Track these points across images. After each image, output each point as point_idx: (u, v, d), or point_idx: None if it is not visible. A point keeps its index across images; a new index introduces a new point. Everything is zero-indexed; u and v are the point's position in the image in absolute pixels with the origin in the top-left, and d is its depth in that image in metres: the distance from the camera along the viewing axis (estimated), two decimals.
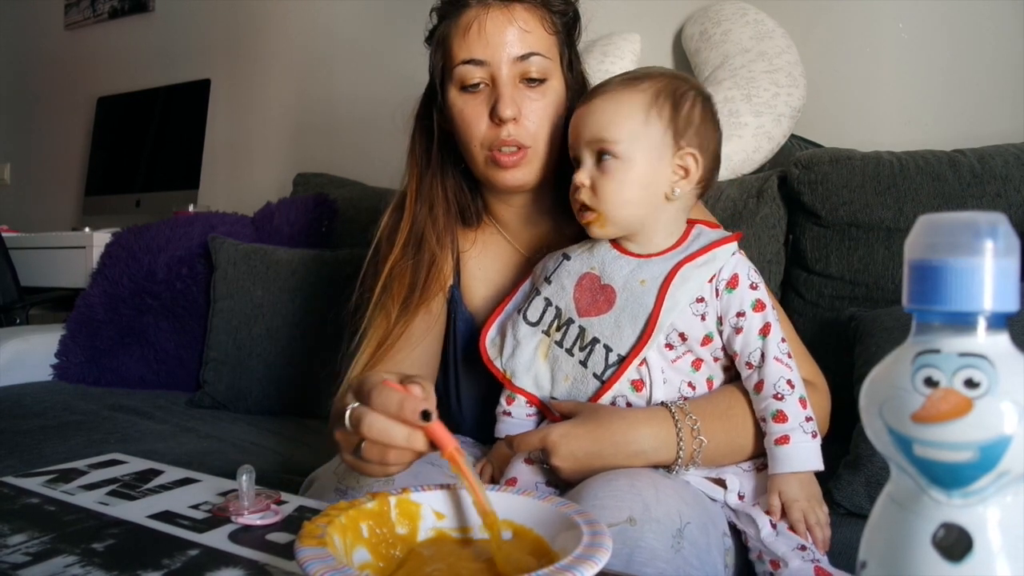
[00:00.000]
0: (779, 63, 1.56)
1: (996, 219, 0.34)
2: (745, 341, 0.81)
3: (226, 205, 2.26)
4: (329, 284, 1.66)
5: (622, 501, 0.70)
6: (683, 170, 0.83)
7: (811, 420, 0.79)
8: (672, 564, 0.68)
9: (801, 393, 0.80)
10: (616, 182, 0.81)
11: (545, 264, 0.92)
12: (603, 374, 0.82)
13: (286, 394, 1.65)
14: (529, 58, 0.91)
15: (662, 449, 0.79)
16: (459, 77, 0.92)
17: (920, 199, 1.28)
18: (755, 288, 0.82)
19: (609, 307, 0.83)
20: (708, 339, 0.82)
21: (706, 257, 0.82)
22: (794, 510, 0.76)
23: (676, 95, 0.82)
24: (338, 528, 0.53)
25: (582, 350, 0.84)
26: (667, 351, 0.82)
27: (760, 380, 0.81)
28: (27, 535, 0.64)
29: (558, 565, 0.47)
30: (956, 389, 0.33)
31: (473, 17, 0.91)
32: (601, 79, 1.82)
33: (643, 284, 0.82)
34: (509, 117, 0.90)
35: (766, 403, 0.80)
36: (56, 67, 3.18)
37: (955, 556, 0.33)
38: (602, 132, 0.81)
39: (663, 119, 0.81)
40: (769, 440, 0.80)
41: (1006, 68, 1.50)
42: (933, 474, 0.34)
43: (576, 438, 0.78)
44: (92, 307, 1.86)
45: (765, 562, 0.77)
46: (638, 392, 0.82)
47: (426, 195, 1.00)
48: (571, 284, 0.86)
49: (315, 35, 2.49)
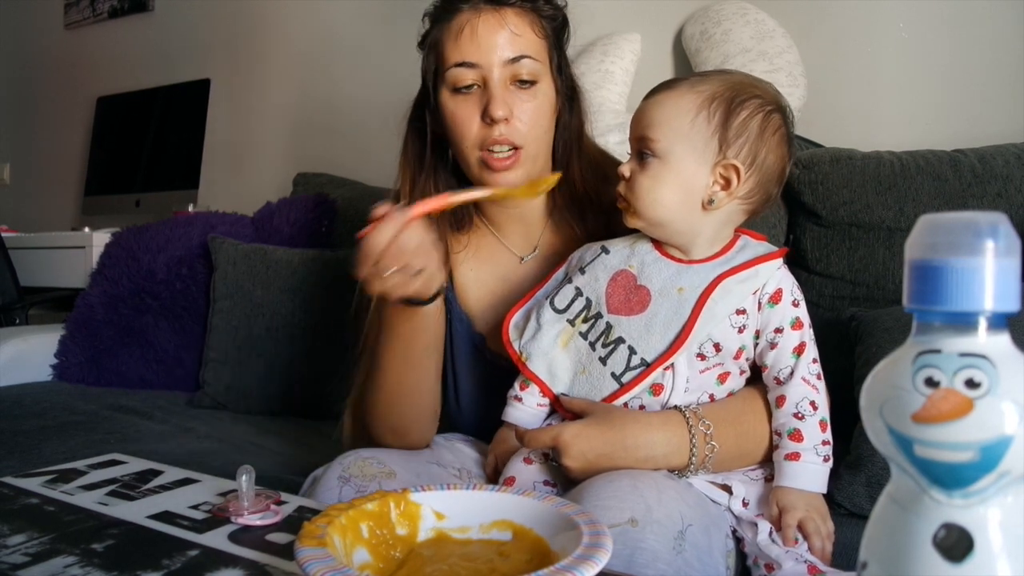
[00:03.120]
0: (779, 63, 1.56)
1: (997, 219, 0.34)
2: (777, 357, 0.81)
3: (226, 205, 2.25)
4: (329, 284, 1.66)
5: (624, 502, 0.70)
6: (723, 180, 0.80)
7: (827, 444, 0.79)
8: (673, 566, 0.68)
9: (823, 416, 0.80)
10: (650, 180, 0.80)
11: (582, 254, 0.90)
12: (622, 376, 0.81)
13: (286, 394, 1.65)
14: (520, 60, 0.92)
15: (674, 454, 0.79)
16: (451, 80, 0.93)
17: (921, 199, 1.27)
18: (797, 306, 0.81)
19: (642, 309, 0.82)
20: (741, 352, 0.81)
21: (749, 272, 0.80)
22: (788, 517, 0.76)
23: (734, 101, 0.79)
24: (338, 528, 0.53)
25: (605, 347, 0.83)
26: (698, 361, 0.81)
27: (783, 396, 0.80)
28: (27, 535, 0.64)
29: (558, 566, 0.47)
30: (957, 389, 0.33)
31: (465, 21, 0.92)
32: (601, 79, 1.82)
33: (681, 292, 0.80)
34: (501, 117, 0.90)
35: (785, 420, 0.80)
36: (56, 67, 3.18)
37: (956, 556, 0.33)
38: (646, 130, 0.81)
39: (712, 124, 0.78)
40: (779, 454, 0.79)
41: (1006, 68, 1.50)
42: (934, 474, 0.34)
43: (588, 439, 0.78)
44: (92, 307, 1.86)
45: (760, 566, 0.77)
46: (655, 396, 0.81)
47: (419, 198, 1.00)
48: (605, 278, 0.85)
49: (315, 35, 2.49)
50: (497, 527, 0.59)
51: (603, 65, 1.76)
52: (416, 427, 0.96)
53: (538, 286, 0.93)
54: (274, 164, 2.55)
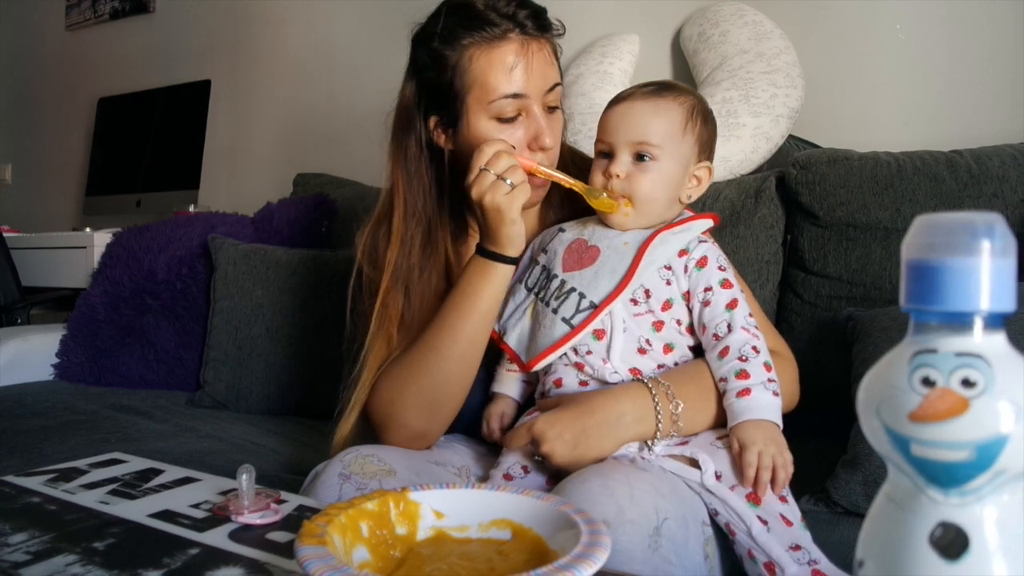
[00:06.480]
0: (777, 64, 1.57)
1: (993, 219, 0.34)
2: (712, 313, 0.87)
3: (226, 205, 2.26)
4: (329, 284, 1.66)
5: (594, 505, 0.70)
6: (696, 180, 0.92)
7: (773, 382, 0.83)
8: (649, 564, 0.68)
9: (766, 359, 0.84)
10: (650, 181, 0.88)
11: (543, 238, 0.99)
12: (572, 318, 0.88)
13: (286, 394, 1.65)
14: (555, 88, 0.95)
15: (644, 419, 0.82)
16: (497, 109, 0.92)
17: (917, 199, 1.28)
18: (723, 270, 0.89)
19: (591, 262, 0.90)
20: (668, 304, 0.88)
21: (683, 227, 0.90)
22: (749, 452, 0.77)
23: (704, 114, 0.92)
24: (338, 527, 0.54)
25: (557, 299, 0.90)
26: (632, 305, 0.88)
27: (726, 346, 0.85)
28: (28, 534, 0.64)
29: (557, 564, 0.47)
30: (953, 389, 0.33)
31: (515, 51, 0.91)
32: (600, 79, 1.82)
33: (626, 245, 0.90)
34: (551, 146, 0.94)
35: (730, 364, 0.84)
36: (57, 68, 3.18)
37: (952, 555, 0.33)
38: (647, 135, 0.88)
39: (694, 133, 0.90)
40: (730, 396, 0.82)
41: (1003, 69, 1.50)
42: (930, 473, 0.34)
43: (560, 420, 0.82)
44: (93, 307, 1.86)
45: (758, 563, 0.76)
46: (599, 340, 0.87)
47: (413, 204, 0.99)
48: (562, 249, 0.94)
49: (315, 36, 2.49)
50: (496, 526, 0.59)
51: (601, 66, 1.76)
52: (456, 401, 0.94)
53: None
54: (274, 164, 2.55)
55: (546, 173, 0.93)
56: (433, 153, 0.99)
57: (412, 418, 0.93)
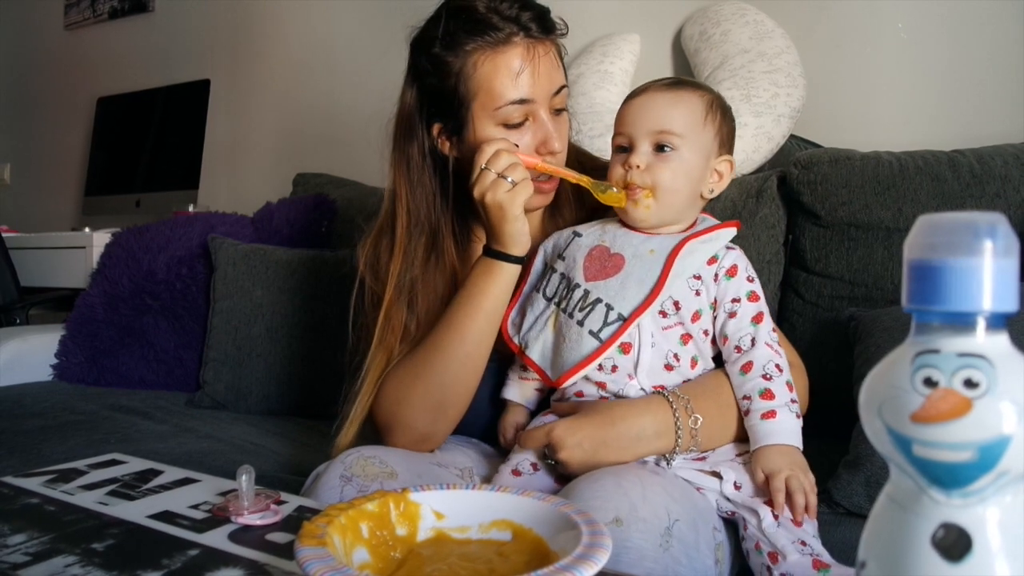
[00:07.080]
0: (778, 63, 1.56)
1: (995, 219, 0.34)
2: (737, 326, 0.85)
3: (226, 205, 2.25)
4: (329, 284, 1.66)
5: (608, 501, 0.70)
6: (718, 175, 0.90)
7: (795, 403, 0.83)
8: (660, 563, 0.68)
9: (788, 378, 0.83)
10: (671, 171, 0.86)
11: (556, 242, 0.95)
12: (600, 332, 0.85)
13: (286, 394, 1.65)
14: (561, 91, 0.94)
15: (663, 433, 0.81)
16: (504, 115, 0.91)
17: (919, 199, 1.28)
18: (751, 281, 0.87)
19: (616, 271, 0.87)
20: (698, 315, 0.86)
21: (710, 236, 0.87)
22: (776, 479, 0.77)
23: (724, 108, 0.90)
24: (338, 528, 0.53)
25: (582, 311, 0.87)
26: (660, 318, 0.85)
27: (749, 361, 0.84)
28: (27, 535, 0.64)
29: (557, 565, 0.47)
30: (955, 389, 0.33)
31: (521, 55, 0.90)
32: (601, 79, 1.82)
33: (652, 253, 0.87)
34: (559, 150, 0.93)
35: (754, 382, 0.83)
36: (56, 67, 3.18)
37: (954, 556, 0.33)
38: (668, 124, 0.86)
39: (714, 126, 0.88)
40: (755, 416, 0.81)
41: (1005, 69, 1.50)
42: (932, 474, 0.34)
43: (580, 429, 0.81)
44: (92, 307, 1.86)
45: (763, 553, 0.76)
46: (625, 354, 0.85)
47: (415, 209, 0.98)
48: (581, 256, 0.90)
49: (315, 36, 2.49)
50: (496, 527, 0.59)
51: (602, 66, 1.76)
52: (462, 402, 0.94)
53: (522, 283, 0.95)
54: (274, 164, 2.55)
55: (551, 168, 0.92)
56: (437, 161, 0.98)
57: (418, 419, 0.92)
